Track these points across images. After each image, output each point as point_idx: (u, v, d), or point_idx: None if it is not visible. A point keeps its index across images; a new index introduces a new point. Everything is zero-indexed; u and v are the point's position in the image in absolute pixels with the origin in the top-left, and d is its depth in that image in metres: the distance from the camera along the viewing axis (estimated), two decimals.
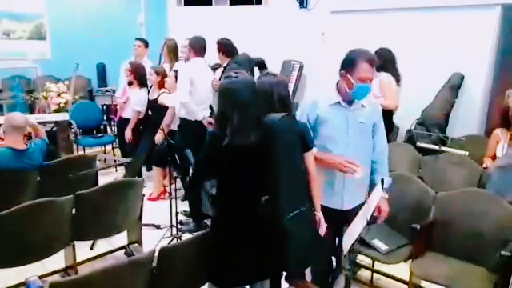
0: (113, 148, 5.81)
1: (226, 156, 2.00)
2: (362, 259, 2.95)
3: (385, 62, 3.92)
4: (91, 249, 3.34)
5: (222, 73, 4.00)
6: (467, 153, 3.60)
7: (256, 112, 2.02)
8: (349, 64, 2.22)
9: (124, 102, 4.80)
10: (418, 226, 2.61)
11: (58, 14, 6.78)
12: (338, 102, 2.30)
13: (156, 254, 2.02)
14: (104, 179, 3.59)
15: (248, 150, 1.98)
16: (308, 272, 2.57)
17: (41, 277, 2.47)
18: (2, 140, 3.09)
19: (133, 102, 4.62)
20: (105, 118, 6.13)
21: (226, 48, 4.20)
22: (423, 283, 2.70)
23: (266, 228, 2.06)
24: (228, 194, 2.09)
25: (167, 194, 4.33)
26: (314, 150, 2.20)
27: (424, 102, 4.56)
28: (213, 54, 4.20)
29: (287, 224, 1.97)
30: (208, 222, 3.05)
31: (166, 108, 4.28)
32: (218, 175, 2.09)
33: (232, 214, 2.08)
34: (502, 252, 2.34)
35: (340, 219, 2.34)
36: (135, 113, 4.60)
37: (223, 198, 2.10)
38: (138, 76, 4.63)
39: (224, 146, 1.96)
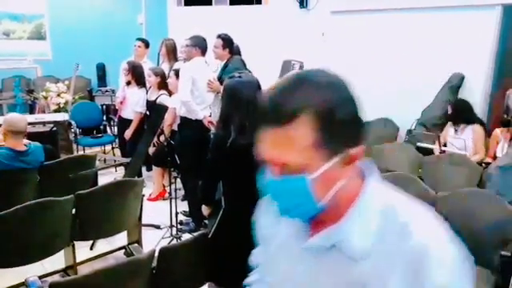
0: (113, 148, 5.81)
1: (231, 155, 2.00)
2: None
3: (463, 112, 3.83)
4: (91, 249, 3.33)
5: (221, 75, 3.96)
6: (467, 153, 3.60)
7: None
8: None
9: (121, 103, 4.76)
10: None
11: (58, 14, 6.78)
12: None
13: (156, 254, 2.02)
14: (104, 179, 3.59)
15: (252, 149, 1.97)
16: None
17: (41, 277, 2.46)
18: (4, 142, 3.08)
19: (132, 103, 4.59)
20: (104, 117, 6.12)
21: (230, 43, 4.14)
22: None
23: None
24: (232, 194, 2.09)
25: (167, 194, 4.33)
26: None
27: (424, 101, 4.57)
28: (210, 54, 4.15)
29: None
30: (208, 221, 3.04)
31: (165, 108, 4.25)
32: (223, 175, 2.10)
33: (236, 212, 2.08)
34: (502, 252, 2.35)
35: None
36: (137, 114, 4.57)
37: (227, 198, 2.10)
38: (136, 75, 4.60)
39: (228, 146, 1.96)
